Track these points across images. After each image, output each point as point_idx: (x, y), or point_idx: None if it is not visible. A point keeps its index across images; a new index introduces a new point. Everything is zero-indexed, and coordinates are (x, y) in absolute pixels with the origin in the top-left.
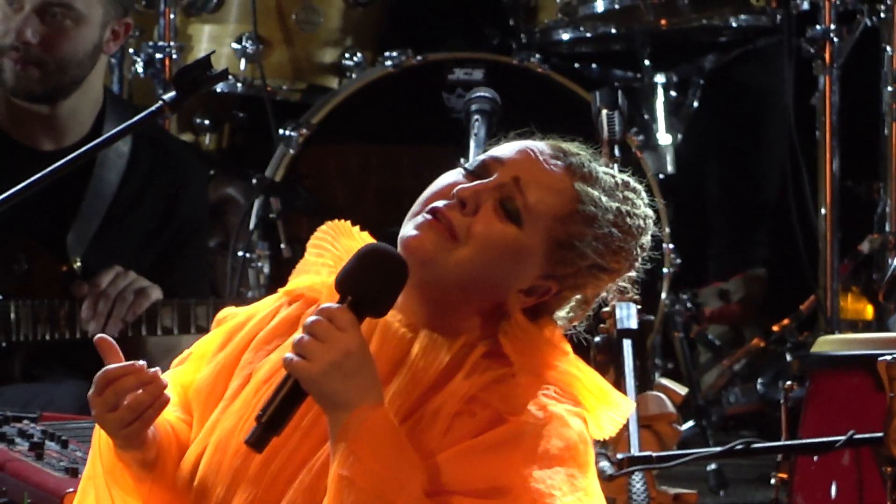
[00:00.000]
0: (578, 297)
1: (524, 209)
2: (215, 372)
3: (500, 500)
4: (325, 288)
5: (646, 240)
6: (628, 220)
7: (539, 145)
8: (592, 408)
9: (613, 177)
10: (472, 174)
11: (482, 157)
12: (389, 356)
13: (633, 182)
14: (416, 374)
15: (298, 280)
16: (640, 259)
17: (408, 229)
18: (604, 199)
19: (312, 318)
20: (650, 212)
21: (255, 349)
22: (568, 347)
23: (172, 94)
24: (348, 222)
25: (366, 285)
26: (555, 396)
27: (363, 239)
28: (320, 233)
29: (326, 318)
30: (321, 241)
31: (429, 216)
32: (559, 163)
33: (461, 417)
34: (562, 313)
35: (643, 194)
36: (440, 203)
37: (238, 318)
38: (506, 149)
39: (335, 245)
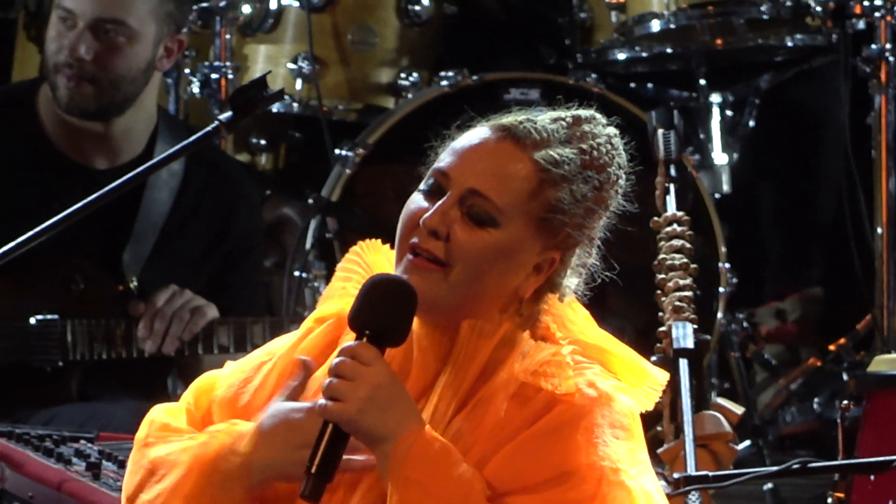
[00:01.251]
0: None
1: (493, 209)
2: (258, 405)
3: (569, 483)
4: None
5: (621, 158)
6: (595, 153)
7: (480, 135)
8: (630, 383)
9: (563, 119)
10: (430, 194)
11: (432, 173)
12: (435, 352)
13: (583, 112)
14: (464, 363)
15: (326, 307)
16: (624, 176)
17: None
18: (565, 151)
19: (336, 359)
20: (612, 129)
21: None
22: (589, 316)
23: (228, 114)
24: (378, 240)
25: (378, 318)
26: (600, 374)
27: (391, 257)
28: (351, 254)
29: (349, 357)
30: (350, 263)
31: (410, 256)
32: (506, 142)
33: (514, 403)
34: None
35: (598, 116)
36: (415, 238)
37: (258, 357)
38: (448, 158)
39: (364, 266)
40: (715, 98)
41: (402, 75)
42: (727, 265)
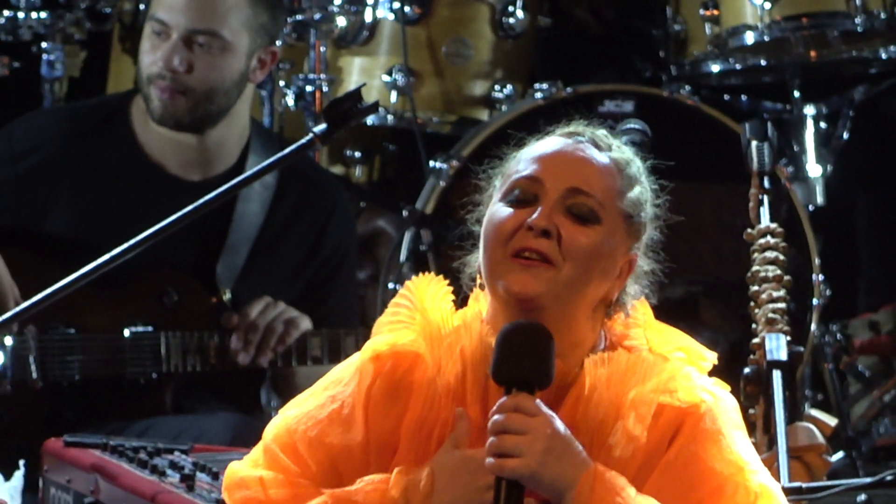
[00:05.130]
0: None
1: (596, 205)
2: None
3: (728, 493)
4: (414, 345)
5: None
6: (641, 163)
7: (556, 142)
8: (702, 370)
9: (607, 136)
10: (520, 204)
11: (516, 183)
12: (550, 394)
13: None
14: (588, 400)
15: (377, 342)
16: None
17: (509, 281)
18: (627, 155)
19: (497, 416)
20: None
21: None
22: (648, 308)
23: (323, 126)
24: (430, 274)
25: (524, 366)
26: (699, 374)
27: (440, 291)
28: (403, 289)
29: (513, 411)
30: (401, 298)
31: (522, 257)
32: (585, 144)
33: (647, 431)
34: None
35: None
36: (520, 243)
37: (324, 395)
38: (532, 166)
39: (412, 301)
40: (809, 110)
41: (497, 88)
42: (821, 277)
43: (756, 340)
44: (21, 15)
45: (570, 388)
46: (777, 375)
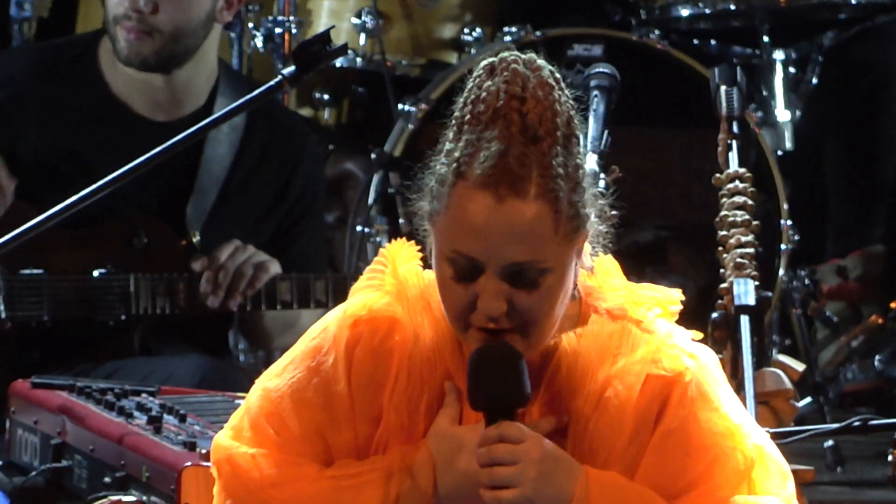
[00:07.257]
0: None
1: (539, 265)
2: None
3: (725, 462)
4: (390, 309)
5: (557, 84)
6: (546, 118)
7: (480, 205)
8: (670, 316)
9: (497, 99)
10: (464, 277)
11: (455, 253)
12: (533, 370)
13: (492, 62)
14: (570, 376)
15: (354, 304)
16: (570, 97)
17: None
18: (531, 150)
19: (485, 447)
20: (525, 58)
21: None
22: (614, 261)
23: (292, 68)
24: (402, 239)
25: (500, 392)
26: (680, 335)
27: (412, 254)
28: (379, 256)
29: (498, 441)
30: (376, 263)
31: (483, 334)
32: (507, 197)
33: (635, 401)
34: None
35: (500, 57)
36: (480, 323)
37: (304, 365)
38: (466, 240)
39: (387, 263)
40: (778, 55)
41: (466, 31)
42: (789, 222)
43: (724, 285)
44: None
45: (549, 363)
46: (745, 320)
